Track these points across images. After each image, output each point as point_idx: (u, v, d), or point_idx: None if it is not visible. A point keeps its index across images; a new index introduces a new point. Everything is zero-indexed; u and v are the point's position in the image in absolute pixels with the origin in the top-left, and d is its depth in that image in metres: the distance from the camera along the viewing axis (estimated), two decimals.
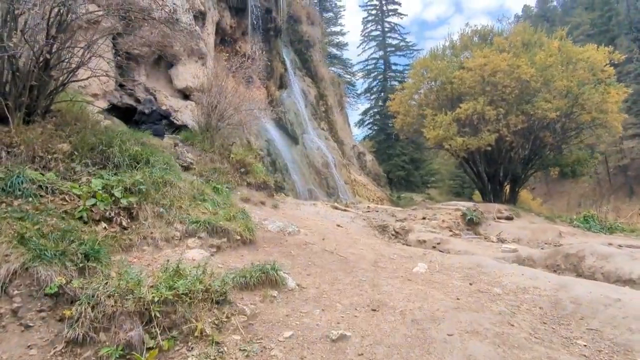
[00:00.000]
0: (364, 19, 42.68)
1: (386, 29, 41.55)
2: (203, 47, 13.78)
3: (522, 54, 16.72)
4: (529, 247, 7.70)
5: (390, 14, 41.58)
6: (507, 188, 19.85)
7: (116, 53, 10.63)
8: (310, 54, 22.93)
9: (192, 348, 2.89)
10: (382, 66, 41.54)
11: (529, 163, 19.06)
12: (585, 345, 3.26)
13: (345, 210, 11.71)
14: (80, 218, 4.12)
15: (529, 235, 9.20)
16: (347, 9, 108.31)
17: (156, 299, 2.94)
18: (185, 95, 13.46)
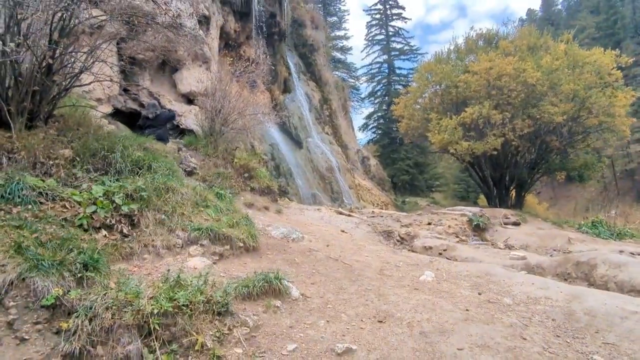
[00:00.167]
0: (367, 23, 42.82)
1: (390, 33, 41.59)
2: (207, 52, 13.78)
3: (527, 58, 16.56)
4: (537, 254, 7.53)
5: (394, 18, 41.67)
6: (513, 193, 19.61)
7: (120, 58, 10.66)
8: (314, 58, 22.91)
9: None
10: (386, 70, 41.54)
11: (535, 167, 18.83)
12: None
13: (350, 216, 11.60)
14: (81, 226, 4.05)
15: (537, 241, 9.03)
16: (351, 13, 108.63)
17: (155, 311, 2.84)
18: (189, 99, 13.45)
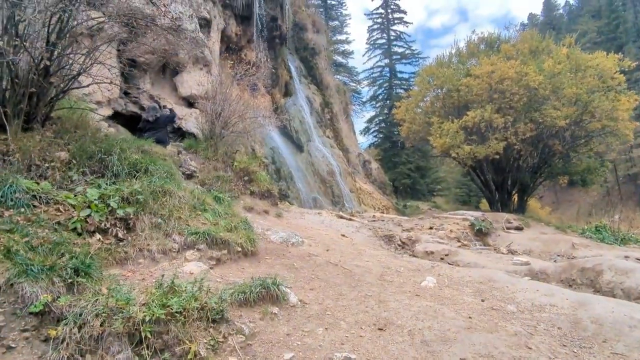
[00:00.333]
0: (369, 27, 42.87)
1: (392, 37, 41.62)
2: (208, 55, 13.75)
3: (529, 61, 16.51)
4: (541, 260, 7.41)
5: (396, 22, 41.68)
6: (516, 197, 19.50)
7: (120, 61, 10.63)
8: (315, 61, 22.90)
9: None
10: (388, 74, 41.53)
11: (537, 171, 18.72)
12: None
13: (351, 220, 11.48)
14: (74, 229, 3.96)
15: (541, 246, 8.90)
16: (353, 17, 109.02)
17: (147, 319, 2.74)
18: (190, 103, 13.41)
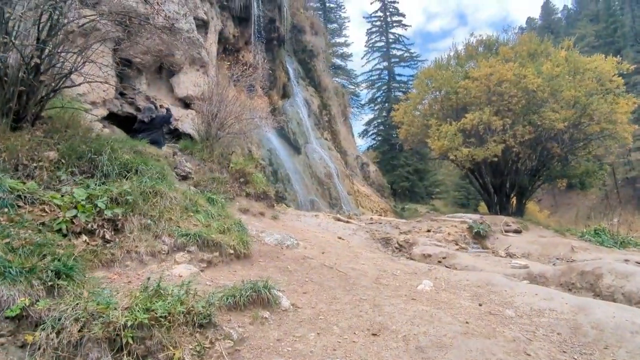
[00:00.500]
0: (368, 30, 42.92)
1: (390, 40, 41.66)
2: (205, 56, 13.66)
3: (528, 64, 16.45)
4: (540, 263, 7.30)
5: (395, 25, 41.75)
6: (514, 200, 19.39)
7: (116, 61, 10.54)
8: (313, 63, 22.84)
9: None
10: (386, 77, 41.53)
11: (536, 174, 18.62)
12: None
13: (348, 222, 11.37)
14: (59, 231, 3.84)
15: (539, 249, 8.79)
16: (352, 20, 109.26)
17: (129, 323, 2.62)
18: (186, 104, 13.31)
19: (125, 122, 11.17)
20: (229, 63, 14.03)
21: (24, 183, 4.23)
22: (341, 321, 3.73)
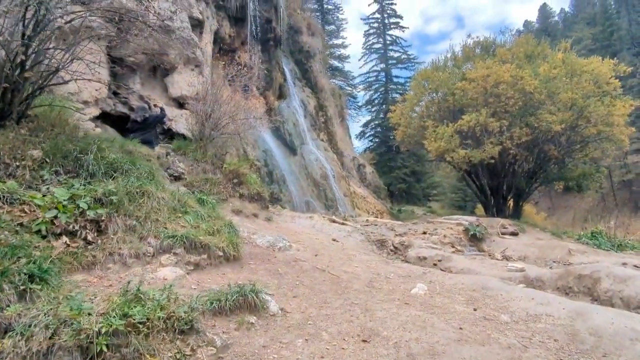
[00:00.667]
0: (365, 32, 42.92)
1: (388, 42, 41.66)
2: (200, 56, 13.52)
3: (525, 66, 16.41)
4: (536, 266, 7.19)
5: (392, 27, 41.75)
6: (511, 202, 19.33)
7: (111, 60, 10.38)
8: (310, 64, 22.73)
9: None
10: (384, 78, 41.49)
11: (533, 177, 18.57)
12: None
13: (343, 224, 11.24)
14: (39, 232, 3.70)
15: (536, 252, 8.68)
16: (349, 22, 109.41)
17: (104, 330, 2.48)
18: (180, 104, 13.16)
19: (119, 122, 11.02)
20: (223, 63, 13.90)
21: (3, 182, 4.09)
22: (331, 327, 3.60)
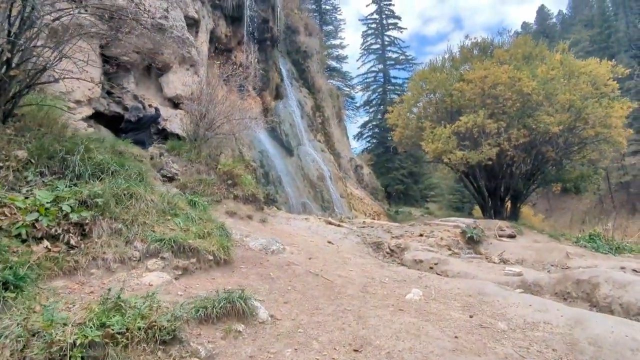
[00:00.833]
0: (363, 32, 42.91)
1: (386, 43, 41.63)
2: (195, 55, 13.38)
3: (523, 67, 16.34)
4: (534, 270, 7.08)
5: (390, 27, 41.73)
6: (509, 204, 19.26)
7: (104, 59, 10.23)
8: (307, 64, 22.61)
9: None
10: (382, 79, 41.46)
11: (530, 178, 18.51)
12: None
13: (339, 226, 11.11)
14: (19, 235, 3.55)
15: (534, 255, 8.58)
16: (347, 22, 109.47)
17: (79, 342, 2.35)
18: (175, 103, 13.01)
19: (112, 122, 10.87)
20: (219, 62, 13.77)
21: None
22: (322, 335, 3.47)
